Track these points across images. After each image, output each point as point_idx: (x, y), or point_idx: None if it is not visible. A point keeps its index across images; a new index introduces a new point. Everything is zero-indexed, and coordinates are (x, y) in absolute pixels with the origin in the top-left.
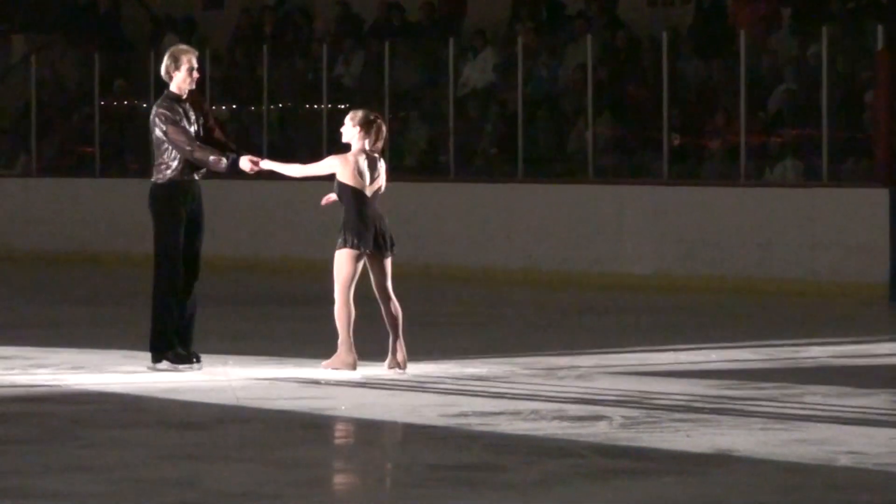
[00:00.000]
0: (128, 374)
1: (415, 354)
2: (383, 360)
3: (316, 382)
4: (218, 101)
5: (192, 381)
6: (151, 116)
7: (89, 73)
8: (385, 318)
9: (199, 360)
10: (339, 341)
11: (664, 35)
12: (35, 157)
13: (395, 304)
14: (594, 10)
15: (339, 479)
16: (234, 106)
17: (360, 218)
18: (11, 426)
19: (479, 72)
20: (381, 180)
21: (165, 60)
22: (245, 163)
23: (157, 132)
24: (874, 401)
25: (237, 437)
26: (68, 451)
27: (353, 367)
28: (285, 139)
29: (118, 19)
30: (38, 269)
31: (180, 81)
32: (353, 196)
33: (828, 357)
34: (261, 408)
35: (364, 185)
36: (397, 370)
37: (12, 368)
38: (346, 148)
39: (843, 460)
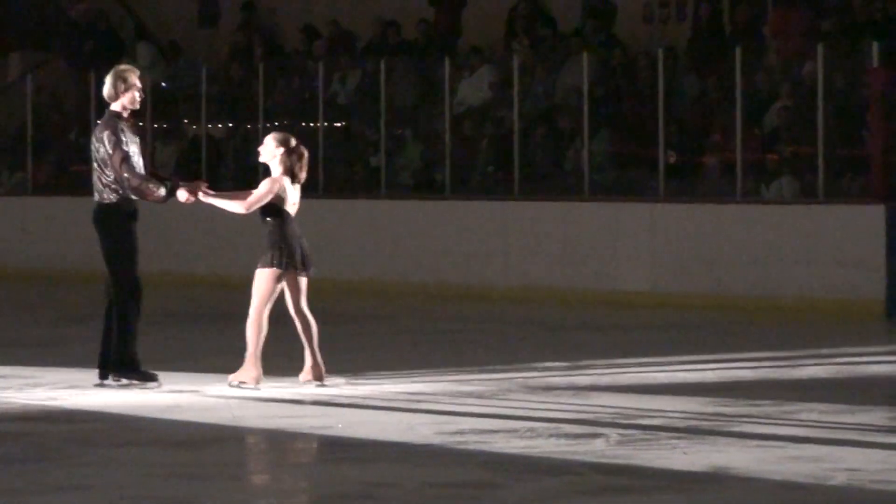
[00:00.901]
0: (123, 393)
1: (410, 372)
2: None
3: (314, 401)
4: (214, 119)
5: (189, 400)
6: (97, 135)
7: (86, 91)
8: (302, 334)
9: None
10: (248, 355)
11: (660, 52)
12: (31, 176)
13: (312, 319)
14: (590, 27)
15: (335, 498)
16: (230, 124)
17: (288, 238)
18: (7, 445)
19: (474, 90)
20: (297, 198)
21: (110, 79)
22: (182, 194)
23: (103, 152)
24: (871, 417)
25: (233, 456)
26: (64, 470)
27: (259, 382)
28: None
29: (114, 37)
30: (34, 288)
31: (127, 101)
32: (280, 216)
33: (824, 374)
34: (257, 426)
35: (289, 205)
36: (314, 383)
37: (8, 387)
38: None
39: (840, 477)
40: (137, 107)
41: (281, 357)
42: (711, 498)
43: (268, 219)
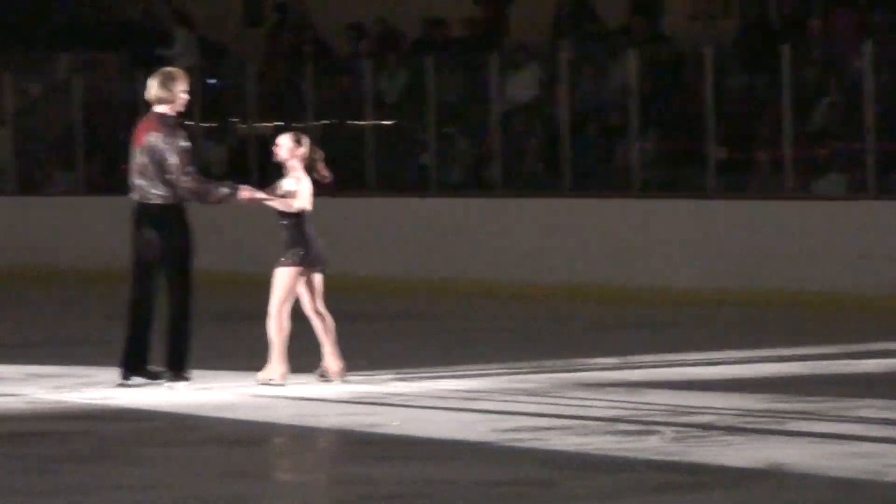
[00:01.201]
0: (178, 392)
1: (463, 369)
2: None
3: (369, 399)
4: (261, 118)
5: (242, 399)
6: (152, 137)
7: (134, 90)
8: (323, 332)
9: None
10: (275, 353)
11: (708, 49)
12: (80, 176)
13: (330, 317)
14: (637, 24)
15: (391, 497)
16: (278, 123)
17: (308, 236)
18: (62, 444)
19: (523, 87)
20: None
21: (158, 81)
22: (243, 194)
23: (160, 154)
24: None
25: (288, 454)
26: (119, 469)
27: (285, 378)
28: (329, 155)
29: (161, 36)
30: (85, 287)
31: (178, 105)
32: (301, 214)
33: (879, 369)
34: (313, 425)
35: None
36: (338, 380)
37: (63, 387)
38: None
39: (894, 474)
40: (183, 109)
41: (310, 355)
42: (766, 494)
43: (288, 217)
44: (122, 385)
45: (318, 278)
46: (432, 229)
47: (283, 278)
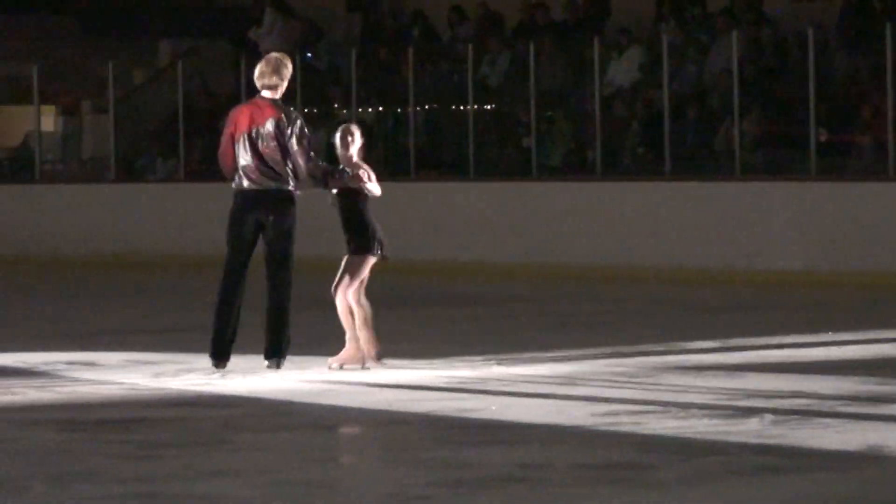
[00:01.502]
0: (275, 378)
1: (562, 353)
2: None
3: (468, 384)
4: (364, 103)
5: (341, 384)
6: (278, 126)
7: (237, 77)
8: (363, 322)
9: None
10: (348, 337)
11: (810, 30)
12: (183, 162)
13: (369, 307)
14: (739, 6)
15: (484, 480)
16: (379, 108)
17: (375, 226)
18: (161, 431)
19: (624, 70)
20: None
21: (272, 67)
22: (354, 181)
23: (285, 140)
24: None
25: (384, 439)
26: (218, 456)
27: (362, 363)
28: (431, 141)
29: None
30: (187, 274)
31: (282, 90)
32: (366, 201)
33: None
34: (409, 410)
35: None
36: (373, 365)
37: (163, 373)
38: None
39: None
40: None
41: (405, 340)
42: (867, 477)
43: (360, 203)
44: (215, 371)
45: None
46: (533, 214)
47: (356, 265)
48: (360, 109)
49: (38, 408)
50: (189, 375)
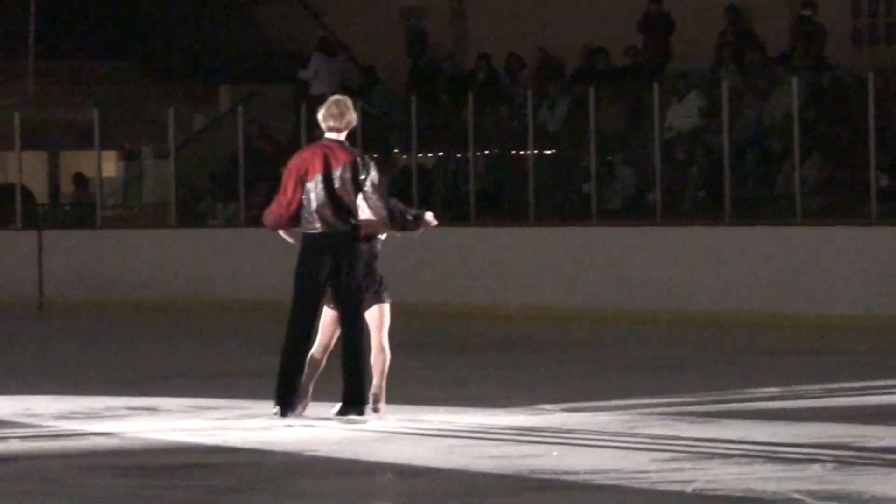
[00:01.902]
0: (336, 424)
1: (624, 398)
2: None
3: (529, 431)
4: (425, 147)
5: (399, 430)
6: (371, 169)
7: (297, 121)
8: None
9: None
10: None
11: (870, 75)
12: (243, 207)
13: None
14: (799, 51)
15: None
16: (440, 153)
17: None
18: (223, 477)
19: (684, 115)
20: None
21: (340, 109)
22: (429, 219)
23: (369, 184)
24: None
25: (443, 486)
26: (278, 501)
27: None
28: (492, 185)
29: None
30: (247, 319)
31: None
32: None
33: None
34: (469, 456)
35: None
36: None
37: (224, 418)
38: None
39: None
40: None
41: (465, 386)
42: None
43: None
44: (278, 417)
45: None
46: (594, 258)
47: (389, 314)
48: (419, 154)
49: (101, 453)
50: (251, 421)
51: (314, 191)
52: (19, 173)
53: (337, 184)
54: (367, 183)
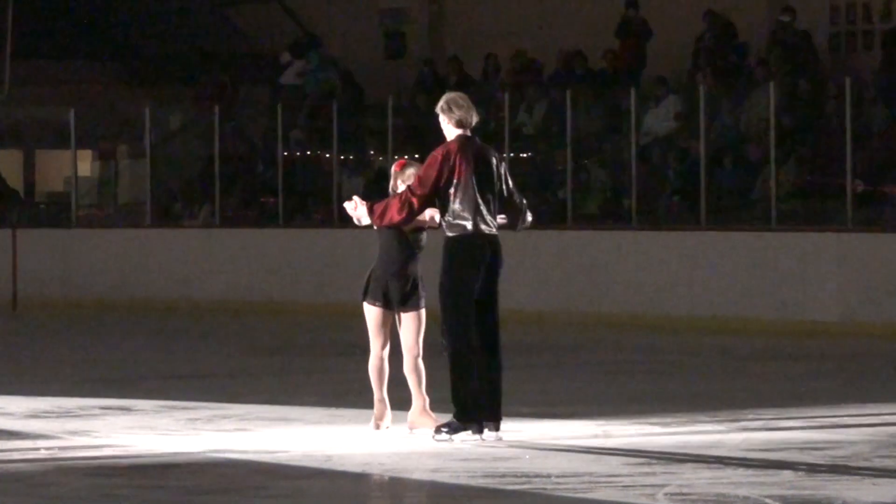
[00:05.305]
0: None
1: (601, 403)
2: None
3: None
4: (401, 150)
5: (373, 434)
6: (503, 167)
7: (272, 124)
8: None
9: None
10: (423, 403)
11: (847, 81)
12: (218, 208)
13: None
14: (776, 57)
15: None
16: (416, 155)
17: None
18: (195, 477)
19: (660, 119)
20: None
21: (468, 105)
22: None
23: (510, 185)
24: None
25: (415, 490)
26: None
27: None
28: None
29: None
30: (221, 320)
31: None
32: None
33: None
34: (441, 459)
35: None
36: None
37: (198, 419)
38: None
39: None
40: None
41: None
42: None
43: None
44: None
45: None
46: (569, 262)
47: (424, 322)
48: (395, 156)
49: (73, 452)
50: (224, 422)
51: (467, 189)
52: None
53: (495, 181)
54: (509, 179)
